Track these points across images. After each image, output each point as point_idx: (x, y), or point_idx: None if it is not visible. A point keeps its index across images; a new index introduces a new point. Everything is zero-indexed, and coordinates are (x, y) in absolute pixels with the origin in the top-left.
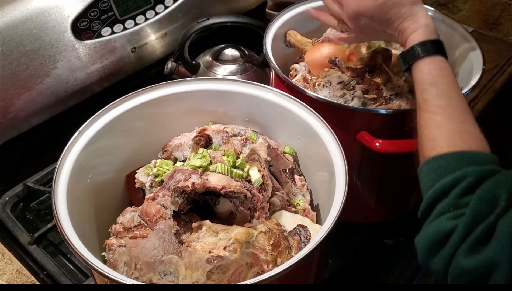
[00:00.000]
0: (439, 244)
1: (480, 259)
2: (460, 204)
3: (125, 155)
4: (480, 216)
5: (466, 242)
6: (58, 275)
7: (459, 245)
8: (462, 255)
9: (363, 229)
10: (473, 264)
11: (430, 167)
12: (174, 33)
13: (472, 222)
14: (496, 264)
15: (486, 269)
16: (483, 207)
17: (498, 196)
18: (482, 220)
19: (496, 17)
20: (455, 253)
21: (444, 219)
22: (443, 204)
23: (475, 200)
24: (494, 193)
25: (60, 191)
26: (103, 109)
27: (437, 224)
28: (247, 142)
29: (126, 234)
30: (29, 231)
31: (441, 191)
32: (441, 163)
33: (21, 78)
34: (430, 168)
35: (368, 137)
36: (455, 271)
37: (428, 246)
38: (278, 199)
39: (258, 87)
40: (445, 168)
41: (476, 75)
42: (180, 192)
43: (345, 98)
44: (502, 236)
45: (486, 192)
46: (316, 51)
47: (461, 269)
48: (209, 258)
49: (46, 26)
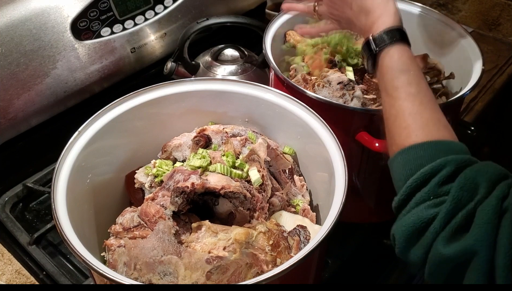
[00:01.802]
0: (419, 233)
1: (460, 246)
2: (440, 193)
3: (125, 155)
4: (461, 203)
5: (445, 230)
6: (58, 275)
7: (439, 232)
8: (441, 242)
9: (363, 229)
10: (452, 251)
11: (407, 157)
12: (174, 34)
13: (453, 209)
14: (476, 251)
15: (466, 257)
16: (464, 195)
17: (479, 184)
18: (463, 207)
19: (495, 17)
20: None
21: (424, 207)
22: (422, 193)
23: (456, 188)
24: (475, 182)
25: (60, 192)
26: (103, 109)
27: (417, 213)
28: (246, 143)
29: (125, 235)
30: (28, 231)
31: (420, 180)
32: (419, 153)
33: (20, 78)
34: (406, 158)
35: (368, 138)
36: (434, 259)
37: (408, 236)
38: (278, 199)
39: (258, 87)
40: (424, 157)
41: (476, 76)
42: (179, 192)
43: (345, 98)
44: (482, 223)
45: (467, 180)
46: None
47: (440, 257)
48: (208, 258)
49: (46, 26)
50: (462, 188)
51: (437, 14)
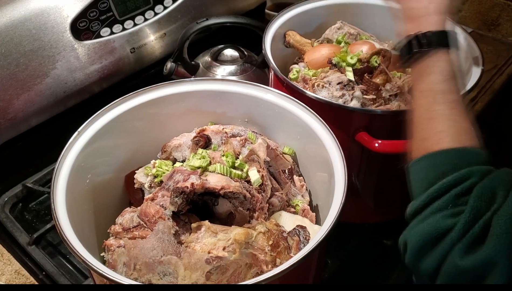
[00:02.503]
0: (433, 243)
1: (478, 258)
2: (458, 202)
3: (124, 156)
4: (480, 213)
5: (462, 241)
6: (57, 275)
7: (456, 244)
8: (458, 254)
9: (362, 230)
10: (470, 263)
11: (433, 162)
12: (173, 34)
13: (471, 220)
14: (495, 262)
15: (484, 268)
16: (482, 205)
17: (496, 193)
18: (480, 217)
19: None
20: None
21: (441, 216)
22: (440, 202)
23: (474, 198)
24: (492, 191)
25: (59, 192)
26: (102, 109)
27: (434, 222)
28: (246, 143)
29: (125, 235)
30: (28, 231)
31: (442, 190)
32: (445, 160)
33: (20, 78)
34: (432, 163)
35: (367, 138)
36: (449, 271)
37: (422, 245)
38: (277, 199)
39: (257, 87)
40: (448, 165)
41: (475, 76)
42: (179, 192)
43: (344, 98)
44: (500, 233)
45: (484, 189)
46: (315, 51)
47: (456, 269)
48: (208, 258)
49: (45, 26)
50: (480, 198)
51: None
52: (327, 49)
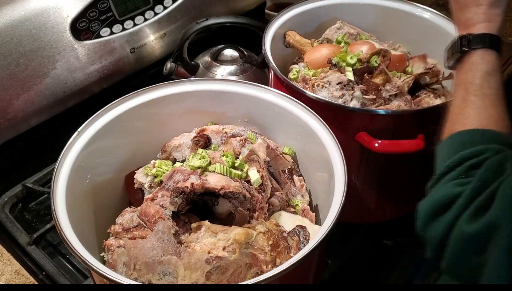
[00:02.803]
0: (443, 209)
1: (483, 222)
2: (470, 174)
3: (124, 156)
4: (487, 183)
5: (469, 208)
6: (57, 275)
7: (463, 210)
8: (465, 220)
9: (362, 230)
10: (475, 228)
11: (455, 140)
12: (173, 34)
13: (478, 188)
14: (498, 225)
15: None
16: (490, 175)
17: (505, 167)
18: (488, 187)
19: None
20: (457, 218)
21: (452, 185)
22: (454, 173)
23: (483, 169)
24: (502, 165)
25: (59, 192)
26: (102, 109)
27: (445, 189)
28: (246, 143)
29: (125, 235)
30: (28, 231)
31: (457, 162)
32: (465, 138)
33: (20, 78)
34: (454, 141)
35: (367, 138)
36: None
37: (431, 210)
38: (277, 199)
39: (257, 87)
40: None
41: None
42: (179, 192)
43: (344, 98)
44: (504, 199)
45: (494, 162)
46: (315, 51)
47: (463, 235)
48: (208, 258)
49: (45, 26)
50: (489, 170)
51: (436, 14)
52: (327, 49)
